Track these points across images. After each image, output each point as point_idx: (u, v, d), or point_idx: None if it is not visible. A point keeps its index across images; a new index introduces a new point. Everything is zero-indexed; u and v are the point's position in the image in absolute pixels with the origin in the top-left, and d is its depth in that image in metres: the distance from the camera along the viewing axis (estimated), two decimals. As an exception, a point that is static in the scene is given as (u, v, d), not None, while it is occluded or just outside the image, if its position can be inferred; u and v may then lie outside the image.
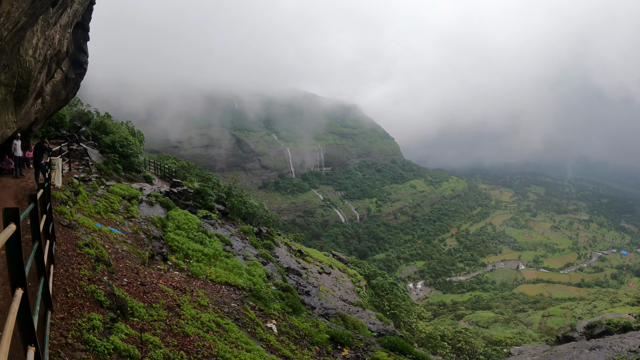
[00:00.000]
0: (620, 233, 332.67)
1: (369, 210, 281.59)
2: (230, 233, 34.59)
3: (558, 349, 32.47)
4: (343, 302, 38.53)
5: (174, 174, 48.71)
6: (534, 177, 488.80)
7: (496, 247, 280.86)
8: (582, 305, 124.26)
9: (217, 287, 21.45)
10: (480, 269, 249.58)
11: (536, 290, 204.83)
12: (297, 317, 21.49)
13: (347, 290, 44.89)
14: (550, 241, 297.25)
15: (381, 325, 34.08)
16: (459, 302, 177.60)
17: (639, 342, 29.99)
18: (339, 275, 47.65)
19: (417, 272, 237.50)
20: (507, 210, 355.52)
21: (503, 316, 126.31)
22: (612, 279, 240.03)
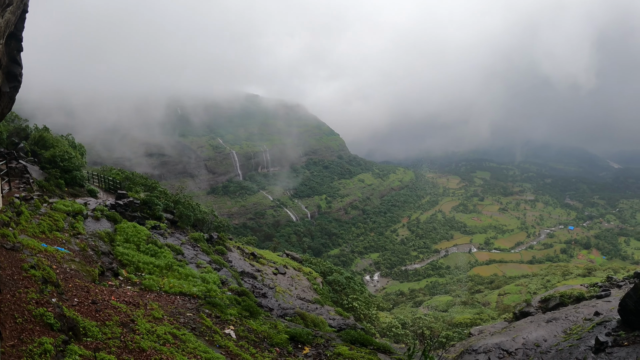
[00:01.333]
0: (565, 210, 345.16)
1: (319, 208, 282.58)
2: (180, 242, 34.20)
3: (516, 325, 33.30)
4: (301, 301, 38.57)
5: (118, 186, 47.74)
6: (479, 163, 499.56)
7: (447, 233, 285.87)
8: (535, 280, 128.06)
9: (171, 298, 21.18)
10: (434, 256, 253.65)
11: (490, 271, 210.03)
12: (255, 320, 21.43)
13: (304, 288, 44.94)
14: (499, 223, 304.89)
15: (341, 320, 34.28)
16: (416, 289, 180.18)
17: (592, 310, 31.07)
18: (295, 275, 47.67)
19: (372, 265, 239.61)
20: (455, 197, 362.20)
21: (461, 299, 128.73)
22: (562, 253, 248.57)
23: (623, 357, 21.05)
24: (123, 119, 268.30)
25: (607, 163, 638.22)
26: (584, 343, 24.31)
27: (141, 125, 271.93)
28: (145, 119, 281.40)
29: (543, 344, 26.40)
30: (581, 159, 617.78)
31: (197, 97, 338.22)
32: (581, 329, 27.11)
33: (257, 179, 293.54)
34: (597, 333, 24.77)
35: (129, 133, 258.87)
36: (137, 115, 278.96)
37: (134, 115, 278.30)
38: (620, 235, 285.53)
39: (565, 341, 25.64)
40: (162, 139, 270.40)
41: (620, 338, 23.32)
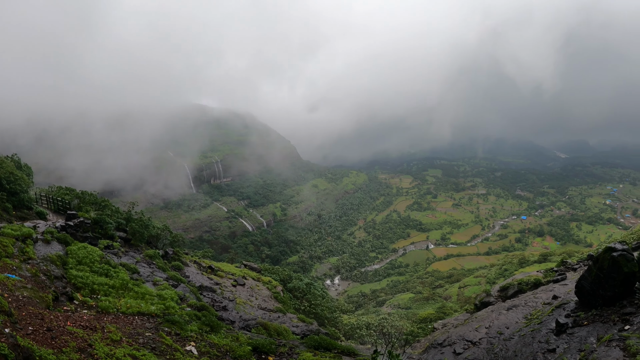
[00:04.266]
0: (517, 201, 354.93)
1: (274, 216, 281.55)
2: (135, 260, 33.45)
3: (478, 315, 33.71)
4: (263, 311, 38.23)
5: (68, 206, 46.46)
6: (431, 162, 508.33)
7: (404, 231, 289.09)
8: (493, 271, 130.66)
9: (129, 319, 20.66)
10: (392, 255, 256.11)
11: (449, 265, 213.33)
12: (217, 334, 21.08)
13: (265, 298, 44.60)
14: (454, 218, 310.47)
15: (304, 326, 34.07)
16: (378, 289, 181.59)
17: (550, 294, 31.72)
18: (254, 285, 47.25)
19: (332, 269, 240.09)
20: (409, 196, 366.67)
21: (422, 295, 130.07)
22: (517, 242, 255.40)
23: (584, 336, 21.49)
24: (75, 136, 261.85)
25: (554, 154, 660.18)
26: (545, 326, 24.72)
27: (93, 141, 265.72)
28: (96, 134, 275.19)
29: (506, 331, 26.76)
30: (530, 152, 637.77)
31: (147, 112, 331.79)
32: (541, 314, 27.59)
33: (210, 191, 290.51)
34: (557, 316, 25.25)
35: (81, 150, 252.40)
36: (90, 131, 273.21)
37: (83, 133, 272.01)
38: (572, 221, 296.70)
39: (527, 326, 26.04)
40: (113, 155, 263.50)
41: (580, 318, 23.84)
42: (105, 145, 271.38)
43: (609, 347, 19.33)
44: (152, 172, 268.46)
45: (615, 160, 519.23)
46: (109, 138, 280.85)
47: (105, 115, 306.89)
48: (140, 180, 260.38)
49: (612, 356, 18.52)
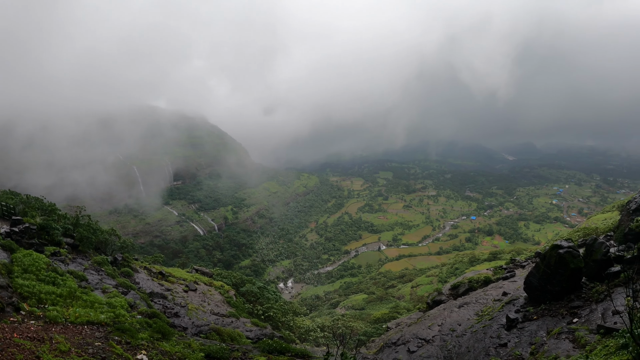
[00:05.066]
0: (466, 202, 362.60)
1: (226, 219, 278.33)
2: (83, 267, 32.62)
3: (431, 313, 34.08)
4: (215, 316, 37.82)
5: (12, 211, 44.97)
6: (382, 164, 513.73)
7: (356, 233, 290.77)
8: (445, 270, 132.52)
9: (78, 329, 20.10)
10: (344, 257, 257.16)
11: (401, 266, 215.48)
12: (168, 341, 20.71)
13: (217, 303, 44.11)
14: (405, 219, 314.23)
15: (258, 330, 33.84)
16: (331, 291, 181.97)
17: (500, 291, 32.37)
18: (206, 290, 46.69)
19: (284, 272, 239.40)
20: (360, 198, 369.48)
21: (375, 295, 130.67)
22: (467, 242, 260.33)
23: (534, 330, 21.98)
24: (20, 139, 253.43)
25: (503, 156, 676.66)
26: (496, 322, 25.13)
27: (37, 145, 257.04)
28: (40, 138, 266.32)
29: (458, 328, 27.09)
30: (479, 154, 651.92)
31: (94, 113, 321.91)
32: (492, 310, 28.06)
33: (160, 194, 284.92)
34: (507, 311, 25.77)
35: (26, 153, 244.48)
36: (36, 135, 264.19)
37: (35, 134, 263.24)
38: (520, 220, 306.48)
39: (479, 323, 26.42)
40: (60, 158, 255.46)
41: (529, 313, 24.41)
42: (52, 144, 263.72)
43: (558, 340, 19.81)
44: (101, 175, 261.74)
45: (562, 162, 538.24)
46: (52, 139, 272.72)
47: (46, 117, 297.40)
48: (88, 183, 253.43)
49: (562, 348, 18.98)
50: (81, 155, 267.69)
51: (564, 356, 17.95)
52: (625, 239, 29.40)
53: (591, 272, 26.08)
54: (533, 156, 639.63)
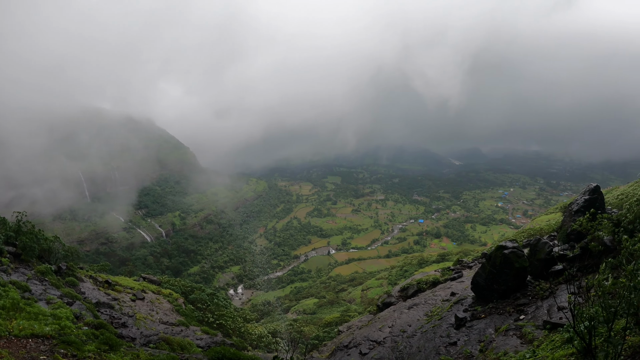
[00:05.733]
0: (414, 205, 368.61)
1: (174, 225, 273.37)
2: (26, 277, 31.61)
3: (381, 315, 34.32)
4: (164, 325, 37.22)
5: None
6: (330, 169, 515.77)
7: (305, 238, 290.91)
8: (394, 272, 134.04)
9: (22, 342, 19.44)
10: (294, 262, 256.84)
11: (350, 269, 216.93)
12: (116, 353, 20.23)
13: (166, 311, 43.44)
14: (354, 223, 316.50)
15: (209, 338, 33.45)
16: (282, 296, 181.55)
17: (448, 291, 32.94)
18: (155, 299, 45.92)
19: (234, 278, 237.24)
20: (309, 203, 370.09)
21: (326, 299, 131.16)
22: (416, 244, 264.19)
23: (482, 328, 22.43)
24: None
25: (450, 161, 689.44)
26: (445, 322, 25.51)
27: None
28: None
29: (408, 329, 27.38)
30: (427, 159, 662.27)
31: (33, 113, 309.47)
32: (441, 310, 28.49)
33: (106, 199, 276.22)
34: (456, 311, 26.22)
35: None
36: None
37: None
38: (467, 223, 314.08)
39: (428, 323, 26.77)
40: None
41: (477, 312, 24.93)
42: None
43: (506, 336, 20.25)
44: (43, 180, 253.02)
45: (506, 167, 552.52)
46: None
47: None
48: (31, 188, 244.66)
49: (510, 344, 19.40)
50: (24, 156, 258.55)
51: (512, 352, 18.36)
52: (567, 239, 30.37)
53: (536, 270, 26.90)
54: (479, 161, 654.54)
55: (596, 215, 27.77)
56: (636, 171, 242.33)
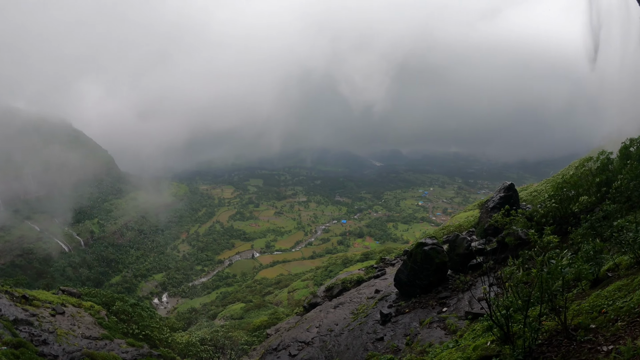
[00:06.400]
0: (337, 206, 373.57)
1: (92, 233, 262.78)
2: None
3: (308, 316, 34.68)
4: (88, 340, 36.25)
5: None
6: (252, 171, 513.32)
7: (228, 242, 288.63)
8: (319, 273, 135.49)
9: None
10: (218, 267, 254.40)
11: (276, 272, 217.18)
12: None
13: (88, 325, 42.22)
14: (277, 226, 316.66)
15: (135, 351, 32.97)
16: (208, 303, 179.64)
17: (373, 289, 33.71)
18: (75, 312, 44.52)
19: (158, 286, 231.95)
20: (231, 206, 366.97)
21: (253, 303, 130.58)
22: (339, 244, 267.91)
23: (407, 322, 23.23)
24: None
25: (370, 162, 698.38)
26: (371, 318, 26.15)
27: None
28: None
29: (335, 328, 27.85)
30: (348, 161, 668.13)
31: None
32: (366, 307, 29.18)
33: (20, 207, 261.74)
34: (381, 307, 26.97)
35: None
36: None
37: None
38: (389, 222, 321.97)
39: (355, 321, 27.35)
40: None
41: (402, 307, 25.75)
42: None
43: (431, 329, 21.07)
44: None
45: (426, 167, 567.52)
46: None
47: None
48: None
49: (435, 336, 20.20)
50: None
51: (437, 343, 19.14)
52: (485, 234, 31.82)
53: (456, 265, 28.15)
54: (399, 162, 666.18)
55: (511, 211, 29.14)
56: (549, 170, 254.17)
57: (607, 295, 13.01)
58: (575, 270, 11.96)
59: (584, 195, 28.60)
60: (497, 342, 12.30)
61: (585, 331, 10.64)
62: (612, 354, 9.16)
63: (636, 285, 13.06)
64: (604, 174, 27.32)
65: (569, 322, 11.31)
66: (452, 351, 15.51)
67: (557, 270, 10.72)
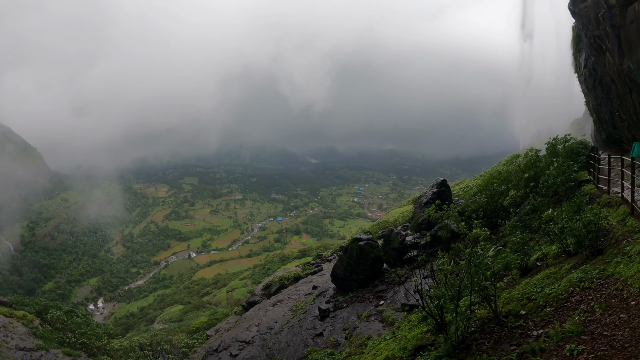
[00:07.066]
0: (273, 204, 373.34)
1: (22, 237, 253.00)
2: None
3: (247, 315, 34.78)
4: (22, 352, 35.26)
5: None
6: (186, 169, 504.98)
7: (164, 242, 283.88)
8: (257, 271, 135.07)
9: None
10: (155, 268, 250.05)
11: (213, 272, 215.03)
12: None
13: (22, 336, 41.00)
14: (213, 225, 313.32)
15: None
16: (145, 306, 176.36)
17: (310, 285, 34.22)
18: (7, 323, 43.11)
19: (93, 291, 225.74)
20: (166, 205, 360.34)
21: (192, 304, 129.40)
22: (276, 242, 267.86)
23: (345, 317, 23.75)
24: None
25: (306, 159, 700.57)
26: (310, 314, 26.55)
27: None
28: None
29: (275, 325, 28.09)
30: (284, 158, 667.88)
31: None
32: (305, 304, 29.60)
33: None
34: (319, 303, 27.44)
35: None
36: None
37: None
38: (325, 218, 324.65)
39: (294, 317, 27.68)
40: None
41: (339, 302, 26.31)
42: None
43: (369, 322, 21.63)
44: None
45: (361, 164, 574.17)
46: None
47: None
48: None
49: (373, 328, 20.76)
50: None
51: (375, 335, 19.67)
52: (419, 228, 32.78)
53: (391, 259, 29.01)
54: (335, 159, 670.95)
55: (443, 205, 30.02)
56: (480, 166, 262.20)
57: (536, 283, 13.85)
58: (503, 260, 12.67)
59: (513, 190, 29.98)
60: (431, 332, 12.86)
61: (515, 317, 11.27)
62: (541, 337, 9.77)
63: (563, 272, 13.96)
64: (532, 170, 28.68)
65: (500, 310, 11.97)
66: (389, 342, 15.99)
67: (484, 262, 11.32)
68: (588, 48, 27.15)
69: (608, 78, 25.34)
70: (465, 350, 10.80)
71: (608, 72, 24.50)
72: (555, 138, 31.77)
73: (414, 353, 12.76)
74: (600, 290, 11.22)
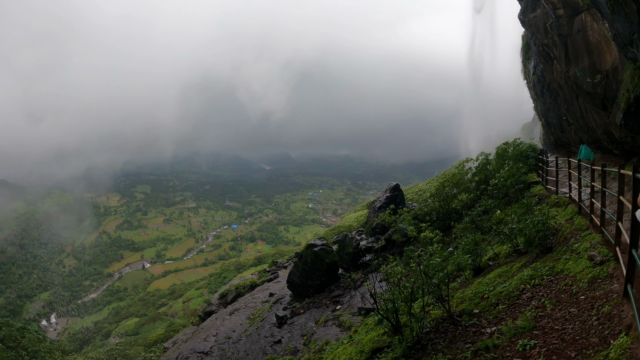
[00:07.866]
0: (227, 211, 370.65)
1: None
2: None
3: (204, 325, 34.44)
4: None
5: None
6: (139, 177, 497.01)
7: (117, 253, 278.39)
8: (213, 280, 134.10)
9: None
10: (108, 280, 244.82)
11: (168, 282, 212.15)
12: None
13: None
14: (167, 234, 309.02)
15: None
16: (100, 320, 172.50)
17: (267, 293, 34.29)
18: (-45, 338, 41.83)
19: (45, 306, 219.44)
20: (118, 215, 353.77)
21: (148, 317, 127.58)
22: (232, 250, 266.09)
23: (303, 323, 23.81)
24: None
25: (259, 166, 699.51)
26: (267, 322, 26.54)
27: None
28: None
29: (233, 334, 27.94)
30: (237, 165, 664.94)
31: None
32: (262, 311, 29.57)
33: None
34: (276, 310, 27.46)
35: None
36: None
37: None
38: (280, 225, 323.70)
39: (252, 326, 27.60)
40: None
41: (296, 308, 26.38)
42: None
43: (326, 327, 21.76)
44: None
45: (315, 170, 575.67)
46: None
47: None
48: None
49: (331, 333, 20.89)
50: None
51: (333, 340, 19.82)
52: (374, 232, 33.15)
53: (346, 264, 29.23)
54: (289, 165, 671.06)
55: (397, 209, 30.40)
56: (433, 170, 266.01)
57: (488, 282, 14.22)
58: (454, 261, 12.95)
59: (464, 192, 30.60)
60: (388, 334, 13.06)
61: (469, 316, 11.56)
62: (495, 334, 10.05)
63: (515, 271, 14.37)
64: (482, 173, 29.34)
65: (454, 309, 12.25)
66: (347, 346, 16.14)
67: (433, 263, 11.57)
68: (537, 56, 28.06)
69: (556, 84, 26.24)
70: (421, 351, 11.00)
71: (556, 78, 25.36)
72: (506, 142, 32.64)
73: (371, 356, 12.93)
74: (551, 287, 11.58)
